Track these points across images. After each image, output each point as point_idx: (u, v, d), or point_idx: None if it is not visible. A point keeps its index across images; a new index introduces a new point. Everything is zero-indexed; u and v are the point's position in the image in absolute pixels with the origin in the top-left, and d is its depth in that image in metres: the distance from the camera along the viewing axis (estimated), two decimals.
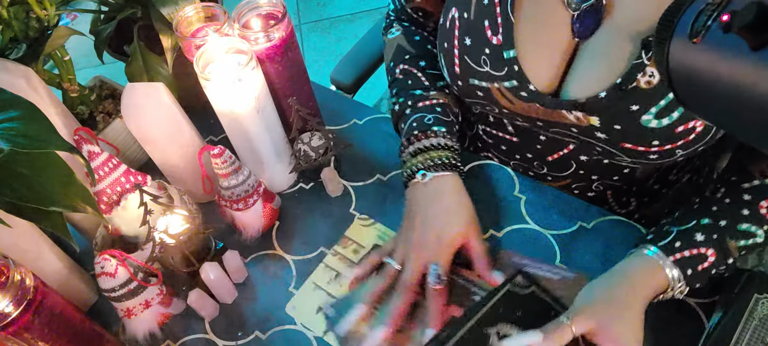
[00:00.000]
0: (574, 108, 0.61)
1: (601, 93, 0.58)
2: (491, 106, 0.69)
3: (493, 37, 0.63)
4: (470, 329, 0.59)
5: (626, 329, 0.55)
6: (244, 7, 0.71)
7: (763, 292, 0.59)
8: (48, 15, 0.70)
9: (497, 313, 0.61)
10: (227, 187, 0.69)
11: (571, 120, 0.62)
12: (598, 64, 0.59)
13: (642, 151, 0.60)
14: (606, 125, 0.60)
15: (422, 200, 0.68)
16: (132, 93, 0.67)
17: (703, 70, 0.36)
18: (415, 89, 0.76)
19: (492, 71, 0.64)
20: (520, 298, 0.62)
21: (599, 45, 0.59)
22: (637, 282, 0.58)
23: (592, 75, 0.60)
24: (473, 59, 0.65)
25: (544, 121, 0.65)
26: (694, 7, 0.36)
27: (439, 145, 0.70)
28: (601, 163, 0.70)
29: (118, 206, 0.68)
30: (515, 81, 0.63)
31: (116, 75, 0.84)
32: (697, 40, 0.35)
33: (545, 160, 0.73)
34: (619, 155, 0.63)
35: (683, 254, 0.58)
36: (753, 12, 0.31)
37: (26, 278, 0.55)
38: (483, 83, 0.66)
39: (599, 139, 0.62)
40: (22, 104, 0.50)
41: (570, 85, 0.62)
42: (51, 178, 0.53)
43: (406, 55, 0.79)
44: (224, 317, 0.70)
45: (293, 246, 0.75)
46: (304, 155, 0.76)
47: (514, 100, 0.65)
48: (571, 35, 0.60)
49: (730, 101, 0.35)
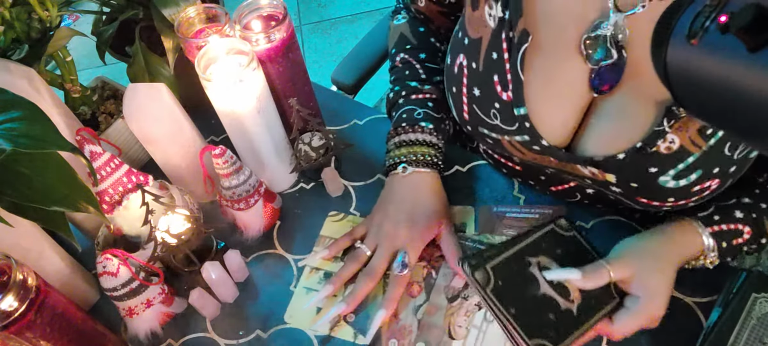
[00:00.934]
0: (590, 164, 0.59)
1: (619, 155, 0.57)
2: (501, 151, 0.68)
3: (503, 93, 0.60)
4: (514, 254, 0.61)
5: (660, 282, 0.57)
6: (245, 9, 0.72)
7: (762, 291, 0.60)
8: (50, 16, 0.70)
9: (540, 246, 0.63)
10: (228, 187, 0.70)
11: (585, 173, 0.61)
12: (617, 123, 0.57)
13: (656, 205, 0.60)
14: (622, 182, 0.59)
15: (399, 192, 0.70)
16: (134, 94, 0.68)
17: (701, 71, 0.36)
18: (411, 80, 0.77)
19: (502, 125, 0.62)
20: (561, 238, 0.64)
21: (618, 104, 0.57)
22: (676, 241, 0.60)
23: (610, 134, 0.58)
24: (482, 110, 0.63)
25: (557, 169, 0.64)
26: (692, 9, 0.36)
27: (423, 142, 0.72)
28: (605, 197, 0.67)
29: (120, 206, 0.68)
30: (527, 136, 0.61)
31: (118, 76, 0.84)
32: (695, 42, 0.35)
33: (549, 190, 0.73)
34: (631, 205, 0.62)
35: (721, 227, 0.59)
36: (750, 13, 0.31)
37: (28, 278, 0.55)
38: (493, 134, 0.64)
39: (613, 192, 0.61)
40: (25, 105, 0.50)
41: (585, 142, 0.60)
42: (53, 178, 0.53)
43: (408, 45, 0.80)
44: (225, 316, 0.70)
45: (294, 246, 0.75)
46: (305, 155, 0.76)
47: (525, 152, 0.64)
48: (587, 89, 0.57)
49: (727, 102, 0.36)
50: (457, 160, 0.80)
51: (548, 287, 0.59)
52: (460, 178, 0.78)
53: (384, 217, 0.69)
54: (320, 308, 0.69)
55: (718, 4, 0.34)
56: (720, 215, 0.60)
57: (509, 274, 0.60)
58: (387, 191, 0.72)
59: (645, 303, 0.57)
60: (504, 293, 0.58)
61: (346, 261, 0.69)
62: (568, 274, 0.58)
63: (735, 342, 0.57)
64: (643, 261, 0.58)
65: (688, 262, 0.60)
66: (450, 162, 0.79)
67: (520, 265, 0.61)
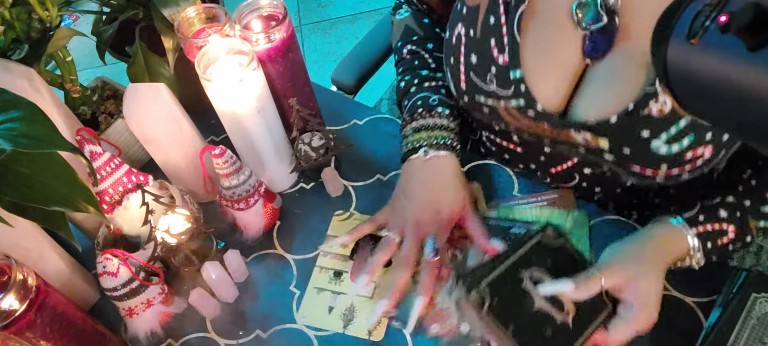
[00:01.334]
0: (583, 129, 0.60)
1: (612, 118, 0.58)
2: (497, 121, 0.69)
3: (500, 56, 0.62)
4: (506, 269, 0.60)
5: (651, 286, 0.57)
6: (245, 9, 0.72)
7: (761, 291, 0.60)
8: (50, 16, 0.70)
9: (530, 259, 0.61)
10: (228, 187, 0.70)
11: (578, 140, 0.62)
12: (609, 87, 0.59)
13: (649, 174, 0.60)
14: (615, 148, 0.60)
15: (420, 176, 0.70)
16: (134, 94, 0.68)
17: (701, 70, 0.36)
18: (422, 69, 0.77)
19: (498, 90, 0.64)
20: (550, 249, 0.62)
21: (610, 68, 0.58)
22: (663, 245, 0.60)
23: (602, 98, 0.59)
24: (479, 77, 0.65)
25: (551, 139, 0.65)
26: (692, 8, 0.36)
27: (441, 126, 0.72)
28: (604, 176, 0.70)
29: (119, 206, 0.68)
30: (522, 100, 0.63)
31: (118, 76, 0.84)
32: (695, 41, 0.35)
33: (549, 172, 0.73)
34: (625, 174, 0.63)
35: (705, 227, 0.60)
36: (751, 13, 0.31)
37: (28, 278, 0.55)
38: (489, 101, 0.66)
39: (606, 160, 0.62)
40: (25, 105, 0.50)
41: (579, 107, 0.61)
42: (53, 178, 0.53)
43: (414, 36, 0.80)
44: (225, 316, 0.70)
45: (294, 245, 0.75)
46: (305, 155, 0.76)
47: (520, 119, 0.65)
48: (581, 56, 0.59)
49: (727, 102, 0.36)
50: None
51: (543, 301, 0.57)
52: None
53: (407, 203, 0.68)
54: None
55: (718, 3, 0.34)
56: (705, 215, 0.60)
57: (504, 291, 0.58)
58: (407, 177, 0.71)
59: (638, 310, 0.56)
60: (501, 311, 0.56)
61: (377, 250, 0.68)
62: (561, 286, 0.57)
63: (735, 342, 0.57)
64: (633, 267, 0.58)
65: (675, 263, 0.60)
66: None
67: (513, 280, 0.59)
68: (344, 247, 0.71)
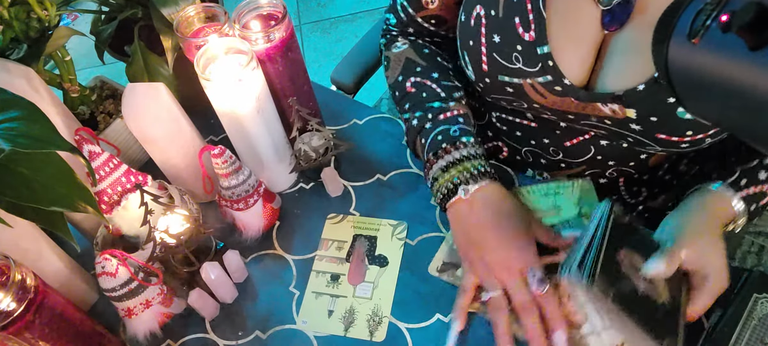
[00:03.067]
0: (611, 100, 0.61)
1: (639, 86, 0.58)
2: (520, 101, 0.68)
3: (525, 33, 0.62)
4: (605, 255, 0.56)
5: (718, 254, 0.58)
6: (244, 8, 0.71)
7: (763, 292, 0.60)
8: (49, 15, 0.70)
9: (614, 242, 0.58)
10: (228, 187, 0.69)
11: (606, 112, 0.62)
12: (633, 57, 0.59)
13: (675, 140, 0.61)
14: (642, 117, 0.60)
15: (475, 217, 0.65)
16: (133, 93, 0.68)
17: (703, 70, 0.36)
18: (433, 102, 0.73)
19: (524, 67, 0.64)
20: (624, 227, 0.60)
21: (631, 39, 0.59)
22: (715, 212, 0.61)
23: (627, 68, 0.60)
24: (503, 56, 0.65)
25: (576, 114, 0.66)
26: (693, 7, 0.36)
27: (470, 155, 0.67)
28: (619, 149, 0.70)
29: (118, 206, 0.68)
30: (550, 76, 0.63)
31: (117, 75, 0.84)
32: (697, 40, 0.35)
33: (562, 146, 0.73)
34: (650, 145, 0.64)
35: (749, 191, 0.61)
36: (752, 12, 0.31)
37: (27, 278, 0.55)
38: (514, 80, 0.66)
39: (633, 131, 0.63)
40: (23, 104, 0.50)
41: (604, 79, 0.62)
42: (52, 178, 0.53)
43: (418, 68, 0.76)
44: (225, 316, 0.70)
45: (293, 246, 0.75)
46: (305, 155, 0.76)
47: (547, 95, 0.65)
48: (600, 28, 0.60)
49: (729, 101, 0.35)
50: None
51: (644, 282, 0.55)
52: None
53: (484, 254, 0.63)
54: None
55: (720, 2, 0.34)
56: (746, 178, 0.62)
57: (612, 277, 0.54)
58: (461, 223, 0.65)
59: (715, 278, 0.58)
60: (620, 300, 0.53)
61: (493, 319, 0.62)
62: (656, 266, 0.55)
63: (736, 343, 0.57)
64: (702, 238, 0.59)
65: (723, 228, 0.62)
66: None
67: (613, 265, 0.56)
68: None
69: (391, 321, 0.67)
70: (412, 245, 0.73)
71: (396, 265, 0.71)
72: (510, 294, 0.61)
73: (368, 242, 0.73)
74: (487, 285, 0.63)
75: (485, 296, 0.63)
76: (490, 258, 0.62)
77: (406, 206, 0.76)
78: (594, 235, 0.57)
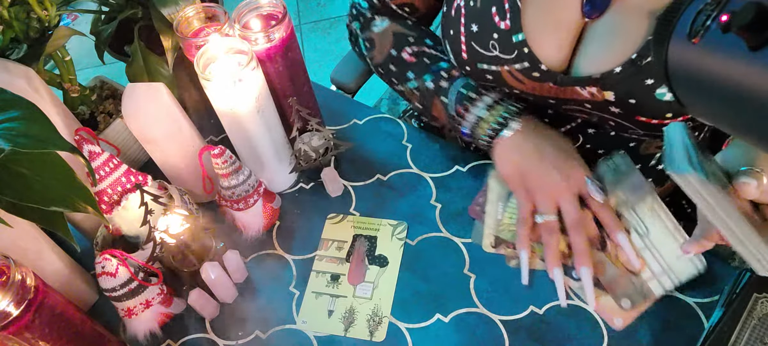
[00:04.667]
0: (588, 83, 0.61)
1: (616, 68, 0.59)
2: (501, 87, 0.70)
3: (501, 22, 0.64)
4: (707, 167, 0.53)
5: None
6: (244, 8, 0.71)
7: (763, 291, 0.59)
8: (49, 15, 0.70)
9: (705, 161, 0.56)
10: (228, 187, 0.69)
11: (584, 96, 0.63)
12: (610, 41, 0.60)
13: (655, 124, 0.61)
14: (620, 99, 0.61)
15: (531, 143, 0.67)
16: (133, 93, 0.68)
17: (702, 70, 0.36)
18: (439, 62, 0.76)
19: (501, 55, 0.65)
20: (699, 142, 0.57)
21: (610, 24, 0.60)
22: None
23: (605, 52, 0.61)
24: (481, 44, 0.66)
25: (557, 99, 0.67)
26: (693, 7, 0.36)
27: (502, 98, 0.70)
28: (607, 137, 0.71)
29: (118, 206, 0.68)
30: (526, 63, 0.64)
31: (117, 75, 0.84)
32: (696, 40, 0.35)
33: None
34: (631, 128, 0.64)
35: None
36: (752, 12, 0.31)
37: (27, 278, 0.55)
38: (492, 67, 0.67)
39: (613, 114, 0.63)
40: (23, 104, 0.50)
41: (582, 63, 0.63)
42: (52, 178, 0.53)
43: (409, 38, 0.78)
44: (224, 316, 0.70)
45: (293, 246, 0.75)
46: (305, 155, 0.76)
47: (525, 81, 0.66)
48: (580, 14, 0.61)
49: (728, 101, 0.35)
50: (457, 160, 0.79)
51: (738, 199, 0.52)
52: (460, 178, 0.78)
53: (539, 176, 0.66)
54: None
55: (719, 3, 0.34)
56: None
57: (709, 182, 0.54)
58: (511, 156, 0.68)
59: None
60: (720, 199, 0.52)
61: (545, 239, 0.65)
62: (748, 178, 0.52)
63: (736, 342, 0.57)
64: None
65: None
66: (450, 162, 0.79)
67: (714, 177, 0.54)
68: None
69: (391, 321, 0.67)
70: (412, 245, 0.73)
71: (396, 265, 0.71)
72: (564, 212, 0.65)
73: (368, 242, 0.74)
74: (542, 208, 0.66)
75: (539, 219, 0.66)
76: (547, 180, 0.66)
77: (406, 206, 0.76)
78: (681, 140, 0.54)
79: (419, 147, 0.82)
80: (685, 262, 0.62)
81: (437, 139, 0.83)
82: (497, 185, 0.72)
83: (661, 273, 0.63)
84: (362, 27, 0.83)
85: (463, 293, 0.68)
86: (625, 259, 0.64)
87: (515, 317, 0.66)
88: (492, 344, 0.64)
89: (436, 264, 0.71)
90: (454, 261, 0.71)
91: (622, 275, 0.64)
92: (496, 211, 0.71)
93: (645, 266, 0.63)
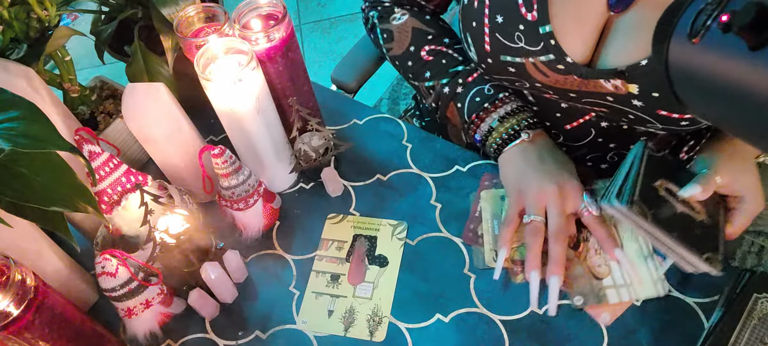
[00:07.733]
0: (613, 76, 0.62)
1: (642, 61, 0.59)
2: (522, 81, 0.70)
3: (528, 13, 0.64)
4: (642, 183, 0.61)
5: (753, 178, 0.62)
6: (244, 8, 0.71)
7: (763, 291, 0.60)
8: (49, 15, 0.70)
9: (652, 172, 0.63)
10: (228, 187, 0.69)
11: (608, 89, 0.63)
12: (636, 35, 0.60)
13: (675, 118, 0.62)
14: (644, 93, 0.61)
15: (536, 153, 0.70)
16: (133, 93, 0.68)
17: (703, 70, 0.36)
18: (455, 66, 0.77)
19: (527, 46, 0.66)
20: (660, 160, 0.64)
21: (636, 18, 0.60)
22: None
23: (630, 46, 0.61)
24: (505, 36, 0.67)
25: (578, 92, 0.67)
26: (693, 7, 0.36)
27: (519, 108, 0.73)
28: (620, 130, 0.71)
29: (118, 206, 0.68)
30: (552, 55, 0.64)
31: (117, 75, 0.84)
32: (697, 40, 0.35)
33: (563, 129, 0.75)
34: (650, 122, 0.64)
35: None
36: (752, 12, 0.31)
37: (27, 278, 0.55)
38: (517, 59, 0.67)
39: (634, 107, 0.63)
40: (23, 104, 0.50)
41: (607, 56, 0.63)
42: (52, 178, 0.53)
43: (428, 36, 0.79)
44: (225, 316, 0.70)
45: (293, 246, 0.75)
46: (305, 155, 0.76)
47: (549, 74, 0.66)
48: (605, 8, 0.61)
49: (729, 101, 0.35)
50: (457, 160, 0.80)
51: (681, 205, 0.60)
52: (460, 177, 0.78)
53: (538, 182, 0.68)
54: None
55: (720, 2, 0.34)
56: None
57: (650, 202, 0.60)
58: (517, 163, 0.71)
59: (750, 200, 0.61)
60: (659, 219, 0.59)
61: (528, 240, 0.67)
62: (692, 189, 0.60)
63: (736, 342, 0.57)
64: (733, 163, 0.61)
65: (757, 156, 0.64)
66: (450, 162, 0.79)
67: (651, 192, 0.61)
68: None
69: (391, 321, 0.67)
70: (412, 245, 0.73)
71: (396, 265, 0.71)
72: (549, 218, 0.66)
73: (368, 242, 0.74)
74: (531, 209, 0.67)
75: (526, 219, 0.67)
76: (540, 184, 0.67)
77: (406, 206, 0.76)
78: (630, 168, 0.62)
79: (419, 147, 0.82)
80: (649, 285, 0.64)
81: (437, 139, 0.83)
82: (489, 203, 0.73)
83: (622, 286, 0.65)
84: (381, 17, 0.84)
85: (463, 293, 0.68)
86: (593, 263, 0.66)
87: (515, 317, 0.66)
88: (492, 344, 0.64)
89: (436, 264, 0.71)
90: (454, 261, 0.71)
91: (584, 275, 0.66)
92: (492, 227, 0.72)
93: (609, 275, 0.66)
